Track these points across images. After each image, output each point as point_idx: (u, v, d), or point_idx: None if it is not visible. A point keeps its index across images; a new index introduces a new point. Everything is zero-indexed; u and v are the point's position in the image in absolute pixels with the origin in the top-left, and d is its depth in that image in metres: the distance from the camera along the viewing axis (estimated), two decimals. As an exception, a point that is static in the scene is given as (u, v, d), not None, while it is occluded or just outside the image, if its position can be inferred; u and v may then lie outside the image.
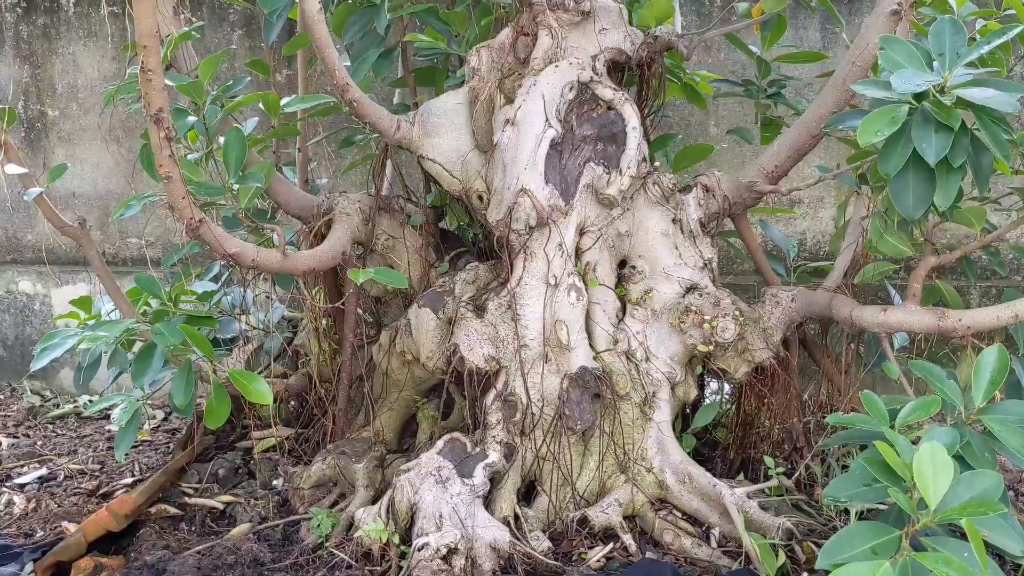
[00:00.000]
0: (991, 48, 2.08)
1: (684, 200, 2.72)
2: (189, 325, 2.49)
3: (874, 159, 2.38)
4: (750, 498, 2.41)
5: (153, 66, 1.98)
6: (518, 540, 2.33)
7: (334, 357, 2.99)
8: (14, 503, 2.90)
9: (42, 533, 2.66)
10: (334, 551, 2.38)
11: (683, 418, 2.84)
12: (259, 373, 2.68)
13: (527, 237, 2.51)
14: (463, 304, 2.59)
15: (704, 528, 2.47)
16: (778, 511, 2.43)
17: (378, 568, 2.29)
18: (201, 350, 2.45)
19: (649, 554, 2.39)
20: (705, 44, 3.74)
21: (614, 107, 2.60)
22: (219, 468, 3.00)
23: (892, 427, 1.99)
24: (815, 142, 2.60)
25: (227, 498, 2.81)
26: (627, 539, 2.42)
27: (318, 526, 2.49)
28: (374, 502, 2.48)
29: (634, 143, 2.57)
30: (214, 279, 3.18)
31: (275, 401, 2.76)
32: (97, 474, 3.19)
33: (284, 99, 2.81)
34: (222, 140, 2.57)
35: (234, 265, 2.65)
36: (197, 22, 2.89)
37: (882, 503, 2.06)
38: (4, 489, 3.02)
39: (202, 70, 2.55)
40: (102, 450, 3.44)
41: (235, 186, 2.53)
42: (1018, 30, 2.12)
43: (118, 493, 2.92)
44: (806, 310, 2.64)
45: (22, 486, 3.08)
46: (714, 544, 2.40)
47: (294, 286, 3.04)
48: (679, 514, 2.50)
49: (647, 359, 2.59)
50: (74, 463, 3.30)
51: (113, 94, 2.59)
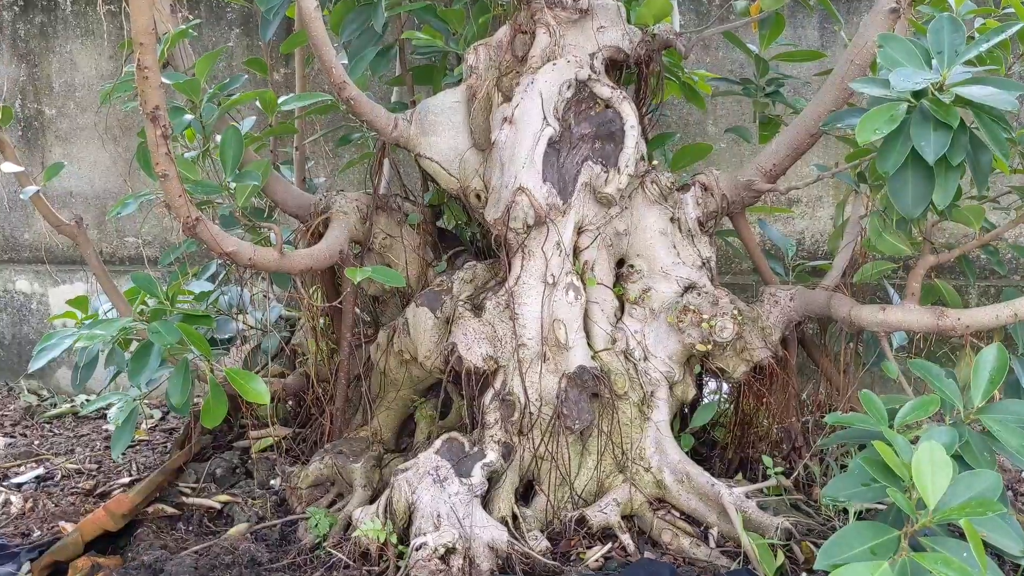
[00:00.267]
0: (990, 46, 2.08)
1: (682, 199, 2.72)
2: (186, 324, 2.48)
3: (873, 157, 2.37)
4: (748, 498, 2.41)
5: (150, 64, 1.98)
6: (516, 540, 2.32)
7: (332, 356, 2.98)
8: (11, 503, 2.89)
9: (39, 533, 2.66)
10: (332, 551, 2.38)
11: (681, 417, 2.83)
12: (256, 372, 2.68)
13: (525, 236, 2.51)
14: (461, 303, 2.59)
15: (702, 528, 2.46)
16: (776, 511, 2.43)
17: (376, 568, 2.29)
18: (198, 349, 2.45)
19: (647, 554, 2.39)
20: (703, 42, 3.73)
21: (612, 105, 2.60)
22: (216, 468, 2.99)
23: (891, 427, 1.98)
24: (813, 141, 2.59)
25: (224, 498, 2.80)
26: (625, 539, 2.42)
27: (316, 526, 2.49)
28: (372, 502, 2.48)
29: (632, 141, 2.56)
30: (211, 278, 3.18)
31: (272, 400, 2.76)
32: (94, 473, 3.18)
33: (281, 97, 2.81)
34: (219, 138, 2.57)
35: (231, 264, 2.65)
36: (194, 20, 2.88)
37: (881, 503, 2.06)
38: (1, 489, 3.01)
39: (199, 68, 2.55)
40: (99, 449, 3.44)
41: (232, 184, 2.53)
42: (1017, 28, 2.11)
43: (115, 493, 2.92)
44: (805, 309, 2.64)
45: (19, 486, 3.07)
46: (712, 544, 2.40)
47: (291, 285, 3.03)
48: (677, 514, 2.50)
49: (645, 358, 2.59)
50: (71, 462, 3.29)
51: (110, 92, 2.58)
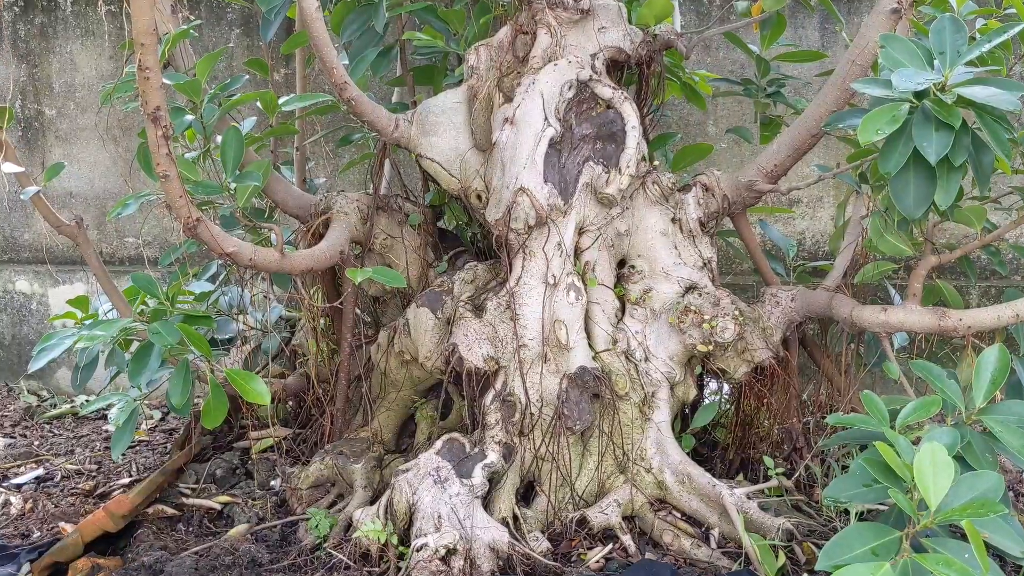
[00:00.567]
0: (991, 47, 2.08)
1: (683, 199, 2.72)
2: (186, 325, 2.48)
3: (874, 158, 2.37)
4: (750, 499, 2.41)
5: (150, 64, 1.98)
6: (517, 541, 2.32)
7: (332, 357, 2.98)
8: (11, 503, 2.89)
9: (39, 534, 2.66)
10: (332, 552, 2.37)
11: (682, 418, 2.83)
12: (257, 373, 2.67)
13: (526, 236, 2.51)
14: (462, 304, 2.59)
15: (703, 529, 2.46)
16: (778, 512, 2.42)
17: (376, 569, 2.29)
18: (199, 350, 2.45)
19: (648, 555, 2.39)
20: (704, 43, 3.73)
21: (613, 106, 2.59)
22: (217, 468, 2.99)
23: (892, 427, 1.98)
24: (815, 141, 2.59)
25: (225, 498, 2.80)
26: (626, 540, 2.42)
27: (316, 527, 2.48)
28: (372, 503, 2.47)
29: (633, 142, 2.56)
30: (211, 278, 3.18)
31: (273, 401, 2.75)
32: (94, 474, 3.18)
33: (282, 98, 2.81)
34: (220, 139, 2.57)
35: (232, 264, 2.65)
36: (195, 20, 2.88)
37: (882, 504, 2.06)
38: (1, 489, 3.01)
39: (200, 68, 2.55)
40: (99, 450, 3.43)
41: (233, 185, 2.53)
42: (1018, 28, 2.11)
43: (115, 493, 2.91)
44: (806, 310, 2.63)
45: (19, 486, 3.07)
46: (713, 545, 2.39)
47: (292, 286, 3.03)
48: (678, 514, 2.49)
49: (646, 359, 2.58)
50: (71, 463, 3.29)
51: (110, 93, 2.58)
